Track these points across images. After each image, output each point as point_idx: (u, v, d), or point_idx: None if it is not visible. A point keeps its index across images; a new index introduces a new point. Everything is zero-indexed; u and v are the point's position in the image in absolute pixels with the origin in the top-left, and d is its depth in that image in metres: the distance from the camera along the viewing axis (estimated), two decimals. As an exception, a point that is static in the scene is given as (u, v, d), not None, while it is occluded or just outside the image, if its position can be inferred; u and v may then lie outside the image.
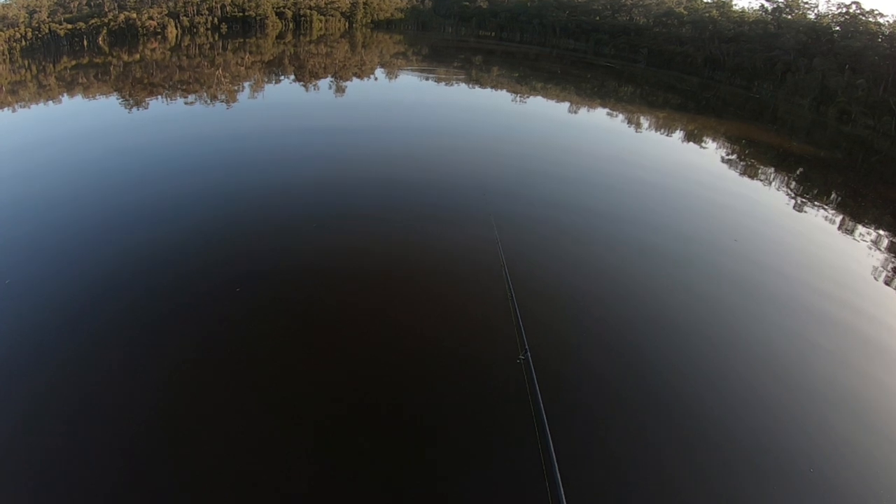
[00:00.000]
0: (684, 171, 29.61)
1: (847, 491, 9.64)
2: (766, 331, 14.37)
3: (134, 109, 31.45)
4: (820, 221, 23.63)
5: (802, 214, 24.40)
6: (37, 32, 55.55)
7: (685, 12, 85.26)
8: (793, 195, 27.23)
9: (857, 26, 61.87)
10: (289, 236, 16.27)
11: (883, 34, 59.37)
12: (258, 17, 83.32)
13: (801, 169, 34.51)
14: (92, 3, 63.99)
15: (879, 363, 13.74)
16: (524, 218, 18.93)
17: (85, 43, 59.79)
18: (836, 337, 14.70)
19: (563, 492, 5.83)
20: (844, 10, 65.77)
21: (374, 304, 13.24)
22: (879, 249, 20.88)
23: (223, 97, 35.44)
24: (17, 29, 53.13)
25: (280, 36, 79.37)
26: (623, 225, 19.83)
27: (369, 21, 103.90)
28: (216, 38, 71.35)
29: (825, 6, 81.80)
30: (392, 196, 19.96)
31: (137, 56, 53.65)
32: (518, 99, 45.25)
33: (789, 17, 72.25)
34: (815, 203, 26.43)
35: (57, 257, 14.37)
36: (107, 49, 57.50)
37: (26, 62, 47.73)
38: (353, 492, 8.30)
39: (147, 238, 15.54)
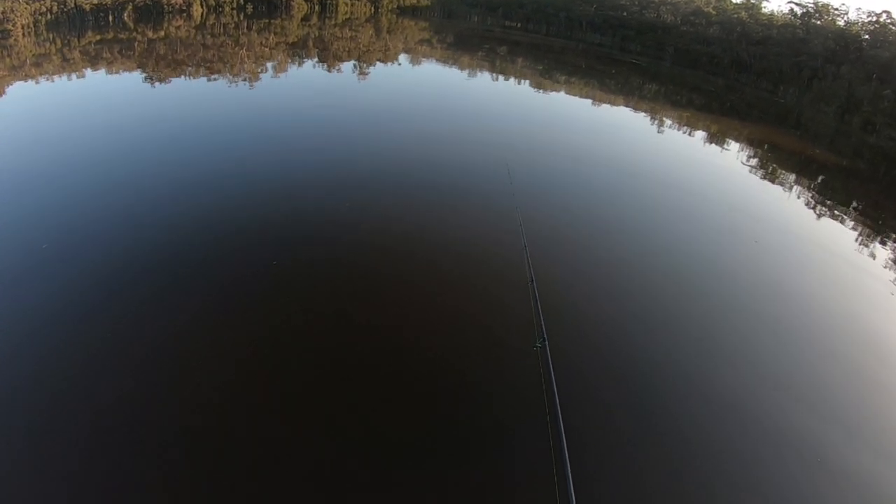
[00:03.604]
0: (706, 170, 29.57)
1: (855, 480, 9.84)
2: (784, 326, 14.58)
3: (158, 86, 31.48)
4: (840, 230, 23.56)
5: (822, 221, 24.34)
6: (62, 6, 55.58)
7: (714, 12, 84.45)
8: (814, 202, 27.09)
9: (886, 36, 61.11)
10: (320, 214, 16.58)
11: (912, 45, 58.60)
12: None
13: (822, 176, 34.25)
14: (119, -22, 64.15)
15: (889, 368, 13.81)
16: (547, 206, 19.14)
17: (110, 18, 59.82)
18: (849, 339, 14.87)
19: (572, 487, 5.79)
20: (874, 18, 65.01)
21: (396, 283, 13.50)
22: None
23: (247, 77, 35.43)
24: (42, 2, 53.20)
25: (305, 18, 79.25)
26: (645, 220, 20.02)
27: (395, 6, 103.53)
28: (241, 17, 71.25)
29: (855, 13, 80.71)
30: (418, 178, 20.37)
31: (162, 33, 53.71)
32: (542, 91, 45.10)
33: (818, 22, 71.42)
34: (836, 211, 26.28)
35: (88, 227, 14.61)
36: (132, 25, 57.54)
37: (51, 35, 47.82)
38: (365, 475, 8.40)
39: (181, 212, 15.82)
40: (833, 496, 9.56)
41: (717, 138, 38.09)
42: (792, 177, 31.48)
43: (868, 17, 66.64)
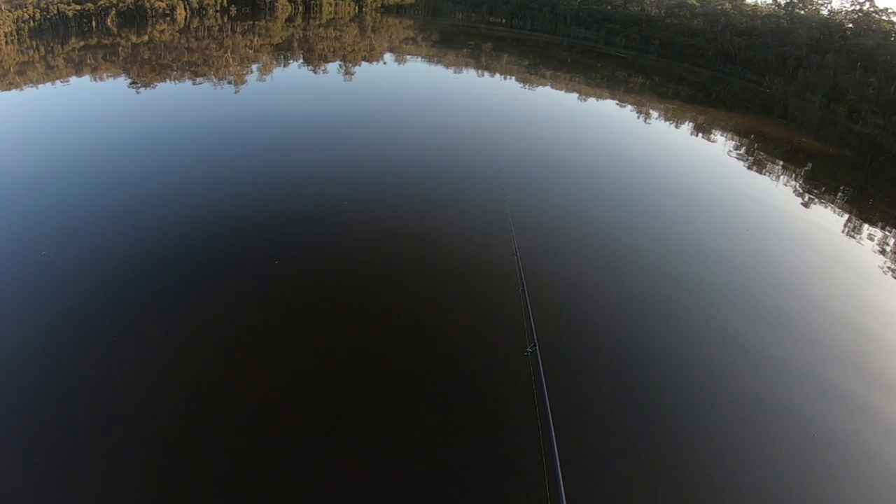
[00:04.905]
0: (695, 162, 29.67)
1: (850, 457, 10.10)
2: (778, 322, 14.57)
3: (145, 91, 31.34)
4: (829, 217, 23.75)
5: (811, 209, 24.51)
6: (45, 13, 55.24)
7: (697, 4, 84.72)
8: (802, 191, 27.27)
9: (870, 24, 61.46)
10: (318, 215, 16.60)
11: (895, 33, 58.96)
12: (268, 0, 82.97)
13: (810, 165, 34.44)
14: (101, -17, 63.72)
15: (882, 354, 13.94)
16: (538, 208, 19.01)
17: (93, 24, 59.45)
18: (843, 324, 15.08)
19: (563, 490, 5.80)
20: (858, 7, 65.34)
21: (390, 287, 13.48)
22: (887, 246, 20.95)
23: (233, 80, 35.32)
24: (25, 10, 52.85)
25: (289, 19, 78.93)
26: (637, 216, 19.97)
27: (379, 5, 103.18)
28: (225, 20, 70.96)
29: (839, 2, 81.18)
30: (410, 180, 20.25)
31: (146, 37, 53.48)
32: (528, 86, 45.04)
33: (802, 12, 71.76)
34: (824, 199, 26.46)
35: (86, 233, 14.65)
36: (115, 30, 57.24)
37: (34, 43, 47.53)
38: (359, 476, 8.44)
39: (181, 216, 15.88)
40: (831, 491, 9.64)
41: (704, 130, 38.24)
42: (780, 166, 31.61)
43: (851, 5, 67.04)
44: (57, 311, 11.34)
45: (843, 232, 22.01)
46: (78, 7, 58.79)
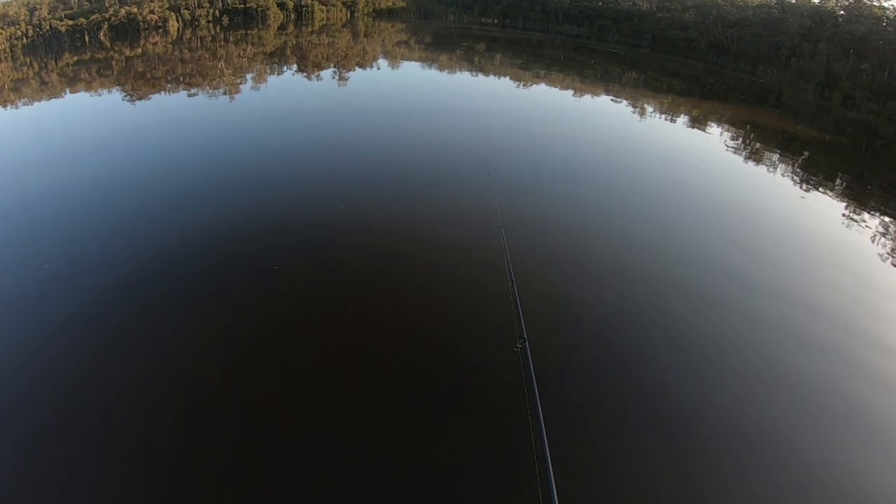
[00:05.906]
0: (690, 154, 29.53)
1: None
2: (776, 311, 14.48)
3: (140, 104, 31.42)
4: (825, 204, 23.67)
5: (808, 197, 24.40)
6: (38, 29, 55.49)
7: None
8: (799, 178, 27.18)
9: (861, 10, 61.46)
10: (316, 218, 16.70)
11: (887, 18, 58.97)
12: (259, 9, 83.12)
13: (806, 153, 34.38)
14: (93, -1, 64.09)
15: (878, 342, 13.83)
16: (528, 205, 18.93)
17: (86, 38, 59.66)
18: (837, 308, 15.08)
19: (554, 484, 5.83)
20: (849, -7, 65.34)
21: (384, 287, 13.55)
22: (886, 232, 20.91)
23: (227, 89, 35.37)
24: (18, 27, 53.11)
25: (282, 27, 79.15)
26: (630, 210, 19.90)
27: (371, 10, 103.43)
28: (218, 30, 71.19)
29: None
30: (405, 183, 20.25)
31: (139, 50, 53.65)
32: (521, 86, 45.05)
33: (793, 1, 71.73)
34: (821, 186, 26.39)
35: (90, 245, 14.82)
36: (108, 44, 57.42)
37: (28, 59, 47.76)
38: (354, 471, 8.54)
39: (179, 224, 16.03)
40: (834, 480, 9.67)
41: (699, 122, 38.18)
42: (776, 155, 31.57)
43: (842, -9, 66.97)
44: (59, 323, 11.43)
45: (841, 218, 21.89)
46: (70, 22, 59.00)
